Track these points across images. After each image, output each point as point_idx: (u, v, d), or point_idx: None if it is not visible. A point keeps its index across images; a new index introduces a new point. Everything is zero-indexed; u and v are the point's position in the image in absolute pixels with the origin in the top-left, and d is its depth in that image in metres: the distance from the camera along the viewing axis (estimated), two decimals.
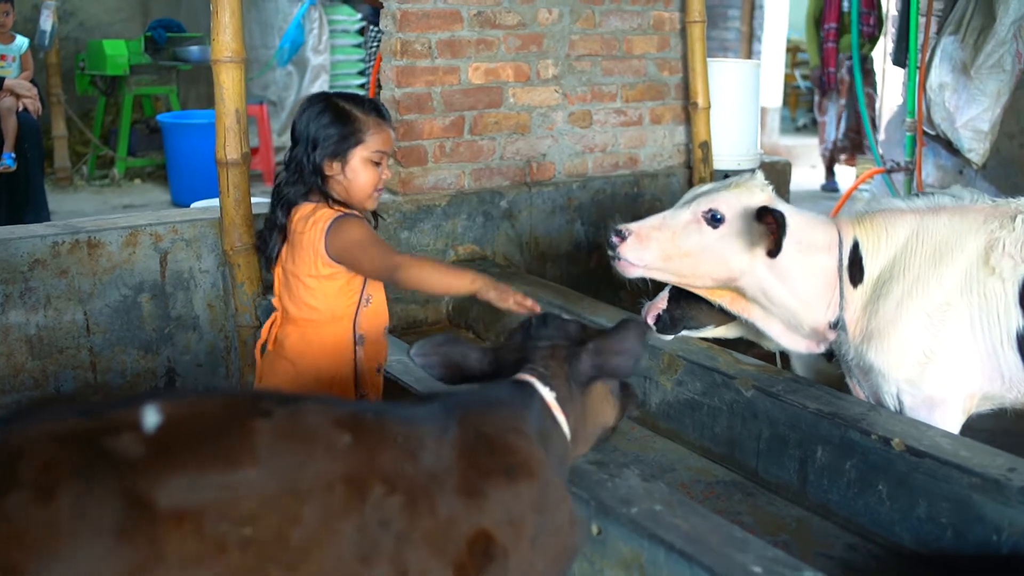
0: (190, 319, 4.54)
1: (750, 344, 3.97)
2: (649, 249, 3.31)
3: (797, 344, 3.50)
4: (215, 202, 4.56)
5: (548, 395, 2.22)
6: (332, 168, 3.06)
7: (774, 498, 3.41)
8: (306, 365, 3.12)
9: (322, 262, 3.04)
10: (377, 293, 3.20)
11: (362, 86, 11.70)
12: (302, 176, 3.07)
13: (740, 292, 3.41)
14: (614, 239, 3.33)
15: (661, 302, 3.97)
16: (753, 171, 3.50)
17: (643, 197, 5.78)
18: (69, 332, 4.28)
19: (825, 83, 10.60)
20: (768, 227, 3.15)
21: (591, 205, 5.58)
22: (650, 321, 3.93)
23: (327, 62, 11.01)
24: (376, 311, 3.20)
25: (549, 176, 5.51)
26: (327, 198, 3.08)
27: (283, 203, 3.12)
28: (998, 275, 3.13)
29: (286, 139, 10.87)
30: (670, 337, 3.79)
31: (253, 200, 4.42)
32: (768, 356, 4.11)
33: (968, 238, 3.21)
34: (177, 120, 9.64)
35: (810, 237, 3.31)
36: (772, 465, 3.45)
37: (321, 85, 10.96)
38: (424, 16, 4.93)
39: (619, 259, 3.35)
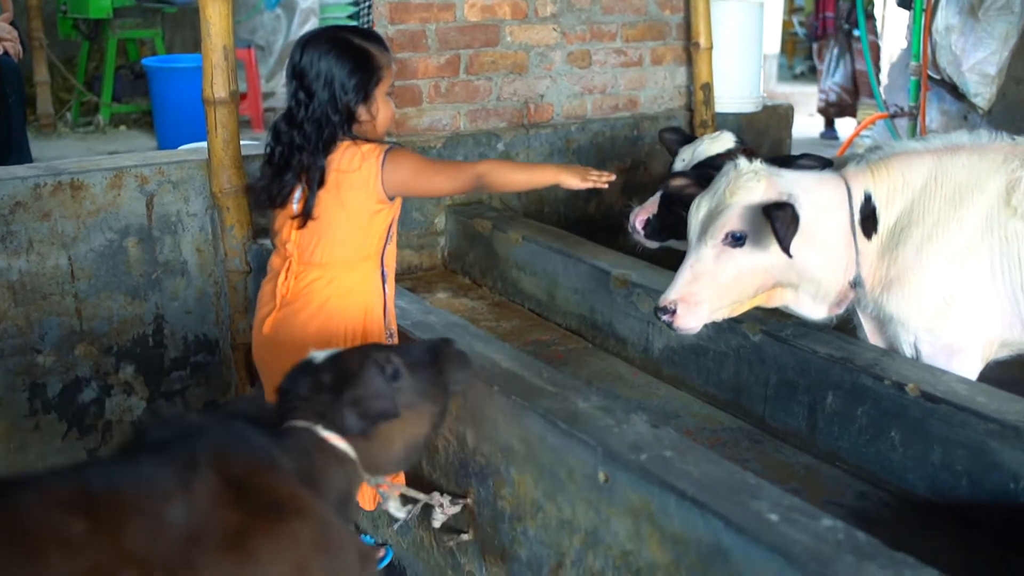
0: (178, 264, 4.41)
1: None
2: (701, 306, 3.13)
3: (823, 312, 3.35)
4: (203, 145, 4.42)
5: (320, 430, 2.01)
6: (363, 111, 3.00)
7: (782, 445, 3.32)
8: (335, 308, 3.03)
9: (376, 198, 2.99)
10: (395, 230, 3.15)
11: None
12: (330, 124, 2.95)
13: (779, 284, 3.26)
14: (666, 319, 3.14)
15: (652, 206, 3.85)
16: (736, 156, 3.32)
17: (643, 140, 5.64)
18: (53, 277, 4.15)
19: (819, 29, 10.41)
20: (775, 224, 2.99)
21: (590, 148, 5.45)
22: (638, 225, 3.81)
23: (316, 4, 10.80)
24: (394, 248, 3.18)
25: (547, 118, 5.37)
26: (354, 138, 3.00)
27: (322, 143, 2.96)
28: (1020, 215, 3.03)
29: (274, 84, 10.71)
30: (655, 244, 3.67)
31: (241, 143, 4.28)
32: None
33: (988, 178, 3.10)
34: (163, 64, 9.43)
35: (818, 200, 3.18)
36: (780, 412, 3.36)
37: (310, 28, 10.76)
38: None
39: (679, 331, 3.17)
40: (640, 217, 3.88)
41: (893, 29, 7.90)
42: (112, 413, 4.39)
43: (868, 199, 3.21)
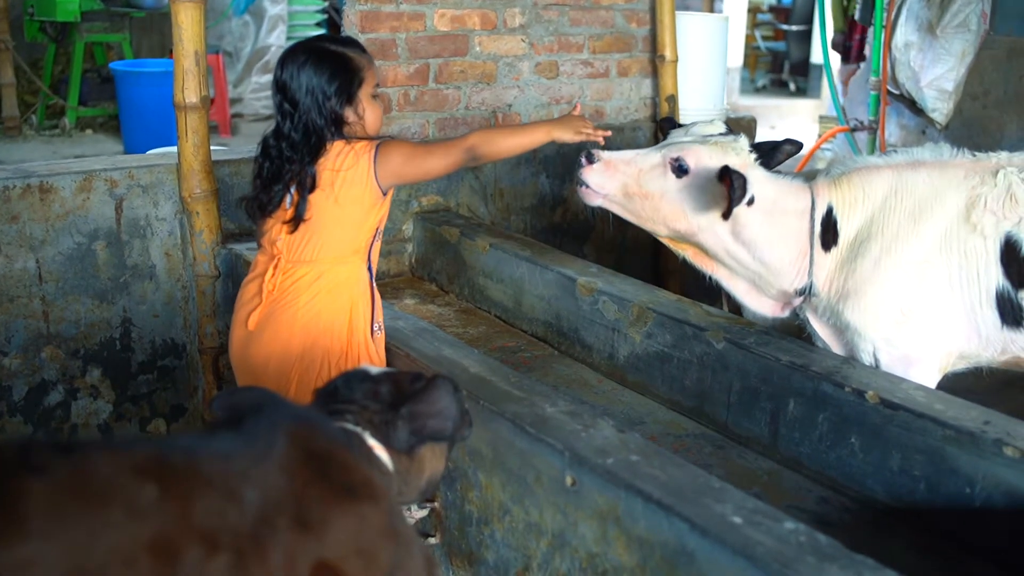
0: (147, 268, 4.41)
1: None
2: (613, 179, 3.32)
3: (762, 306, 3.47)
4: (172, 149, 4.43)
5: (369, 437, 1.97)
6: (350, 114, 3.06)
7: (744, 451, 3.38)
8: (323, 303, 3.07)
9: (371, 193, 3.05)
10: (383, 227, 3.21)
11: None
12: (317, 130, 3.01)
13: (703, 249, 3.37)
14: (583, 161, 3.32)
15: None
16: (736, 134, 3.43)
17: (609, 150, 5.68)
18: (20, 280, 4.14)
19: (852, 51, 10.40)
20: (725, 189, 3.10)
21: (556, 158, 5.50)
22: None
23: (284, 12, 10.82)
24: (379, 246, 3.23)
25: None
26: (347, 139, 3.06)
27: (309, 150, 3.00)
28: (979, 232, 3.09)
29: (241, 91, 10.70)
30: None
31: (211, 147, 4.30)
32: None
33: (948, 194, 3.16)
34: (130, 68, 9.39)
35: (782, 204, 3.27)
36: (743, 418, 3.41)
37: (278, 35, 10.77)
38: None
39: (582, 185, 3.34)
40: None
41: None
42: (78, 416, 4.39)
43: (830, 212, 3.28)
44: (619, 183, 3.31)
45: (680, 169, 3.24)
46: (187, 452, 1.57)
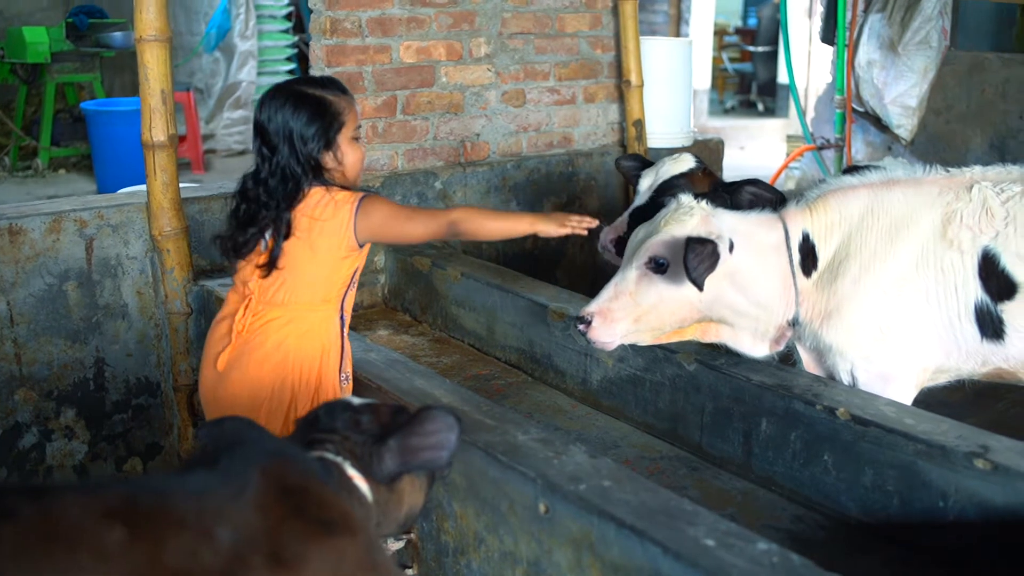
0: (118, 307, 4.41)
1: None
2: (617, 322, 3.20)
3: (764, 350, 3.42)
4: (142, 188, 4.44)
5: (349, 467, 1.96)
6: (328, 159, 3.03)
7: (719, 472, 3.39)
8: (292, 347, 3.05)
9: (347, 245, 3.03)
10: (358, 277, 3.19)
11: (290, 72, 11.55)
12: (294, 176, 2.98)
13: (711, 320, 3.33)
14: (581, 328, 3.22)
15: (621, 225, 3.96)
16: (697, 175, 3.40)
17: (578, 176, 5.74)
18: None
19: None
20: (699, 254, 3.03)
21: (526, 185, 5.53)
22: (609, 244, 3.91)
23: (255, 48, 10.84)
24: (354, 294, 3.21)
25: (483, 156, 5.45)
26: (325, 184, 3.03)
27: (285, 197, 2.98)
28: (956, 248, 3.11)
29: (213, 127, 10.71)
30: None
31: (181, 185, 4.31)
32: None
33: (923, 212, 3.18)
34: (102, 108, 9.40)
35: (757, 240, 3.26)
36: (716, 439, 3.43)
37: (249, 71, 10.79)
38: None
39: (593, 343, 3.25)
40: (610, 236, 3.98)
41: (818, 65, 8.10)
42: (53, 458, 4.37)
43: (806, 238, 3.28)
44: (623, 319, 3.20)
45: (659, 265, 3.18)
46: (158, 492, 1.57)
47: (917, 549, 2.91)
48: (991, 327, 3.11)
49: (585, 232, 3.24)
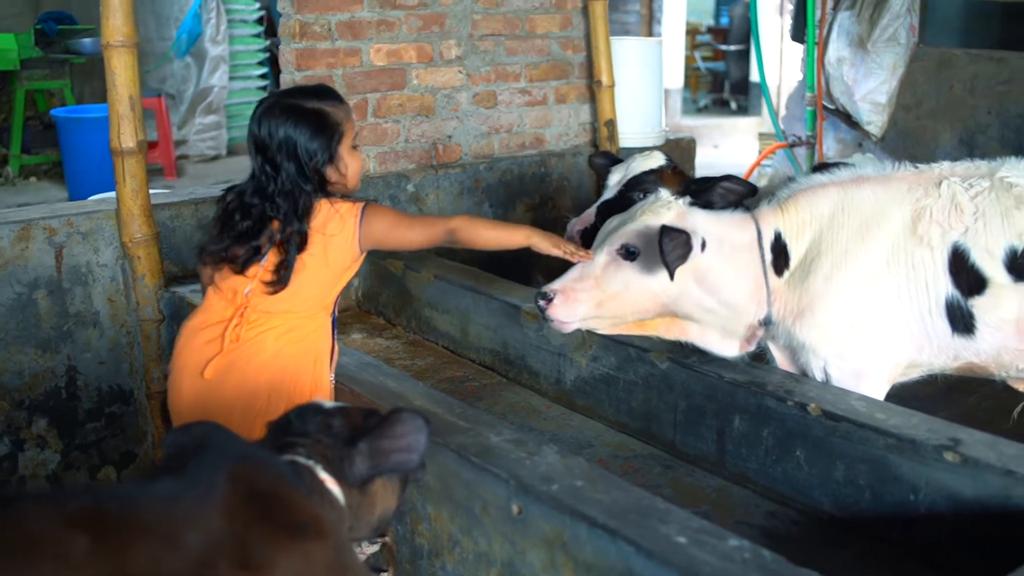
0: (90, 315, 4.39)
1: None
2: (578, 303, 3.24)
3: (733, 348, 3.44)
4: (111, 195, 4.41)
5: (320, 471, 1.95)
6: (332, 172, 3.01)
7: (693, 469, 3.40)
8: (289, 356, 3.03)
9: (353, 256, 3.05)
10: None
11: (262, 76, 11.52)
12: (303, 192, 2.96)
13: (676, 315, 3.35)
14: (541, 303, 3.25)
15: (588, 217, 3.98)
16: (666, 172, 3.42)
17: (550, 177, 5.75)
18: None
19: None
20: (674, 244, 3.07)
21: (499, 186, 5.53)
22: (575, 236, 3.93)
23: (226, 53, 10.81)
24: (341, 297, 3.21)
25: (455, 158, 5.45)
26: (328, 196, 3.02)
27: (299, 212, 2.95)
28: (926, 244, 3.13)
29: (185, 132, 10.67)
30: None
31: (152, 191, 4.29)
32: None
33: (893, 209, 3.20)
34: (72, 115, 9.36)
35: (730, 240, 3.28)
36: (690, 436, 3.44)
37: (220, 76, 10.76)
38: None
39: (551, 321, 3.28)
40: (577, 227, 4.01)
41: (789, 63, 8.14)
42: (26, 468, 4.34)
43: (778, 237, 3.29)
44: (585, 301, 3.24)
45: (629, 253, 3.21)
46: (123, 500, 1.55)
47: (889, 542, 2.93)
48: (962, 322, 3.14)
49: (577, 261, 3.26)
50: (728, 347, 3.43)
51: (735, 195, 3.52)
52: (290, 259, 2.95)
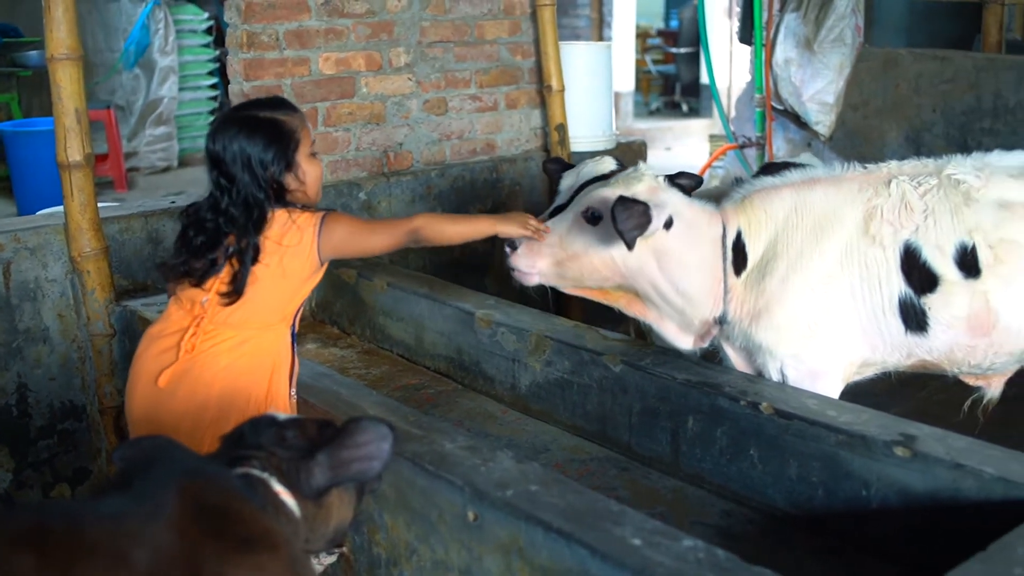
0: (39, 331, 4.33)
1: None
2: (541, 256, 3.32)
3: (687, 342, 3.49)
4: (60, 209, 4.37)
5: (275, 483, 1.94)
6: (291, 180, 2.98)
7: (648, 471, 3.42)
8: (244, 367, 2.98)
9: (312, 267, 3.01)
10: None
11: (212, 86, 11.44)
12: (258, 203, 2.92)
13: (634, 292, 3.39)
14: (507, 250, 3.35)
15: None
16: (625, 166, 3.47)
17: (502, 182, 5.75)
18: None
19: None
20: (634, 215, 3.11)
21: (451, 193, 5.53)
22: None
23: (175, 63, 10.73)
24: (302, 310, 3.17)
25: (407, 165, 5.45)
26: (287, 206, 2.98)
27: (253, 223, 2.92)
28: (879, 243, 3.17)
29: (136, 144, 10.57)
30: None
31: (100, 205, 4.25)
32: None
33: (845, 209, 3.23)
34: (19, 128, 9.26)
35: (698, 230, 3.31)
36: (645, 438, 3.46)
37: (170, 87, 10.68)
38: (269, 6, 4.81)
39: (514, 270, 3.35)
40: None
41: (738, 65, 8.20)
42: None
43: (739, 236, 3.33)
44: (547, 256, 3.32)
45: (594, 218, 3.26)
46: (70, 518, 1.54)
47: (843, 538, 2.96)
48: (915, 320, 3.18)
49: (543, 238, 3.32)
50: (683, 340, 3.48)
51: (687, 192, 3.55)
52: (244, 271, 2.93)
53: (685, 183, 3.55)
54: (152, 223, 4.60)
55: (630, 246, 3.12)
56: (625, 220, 3.06)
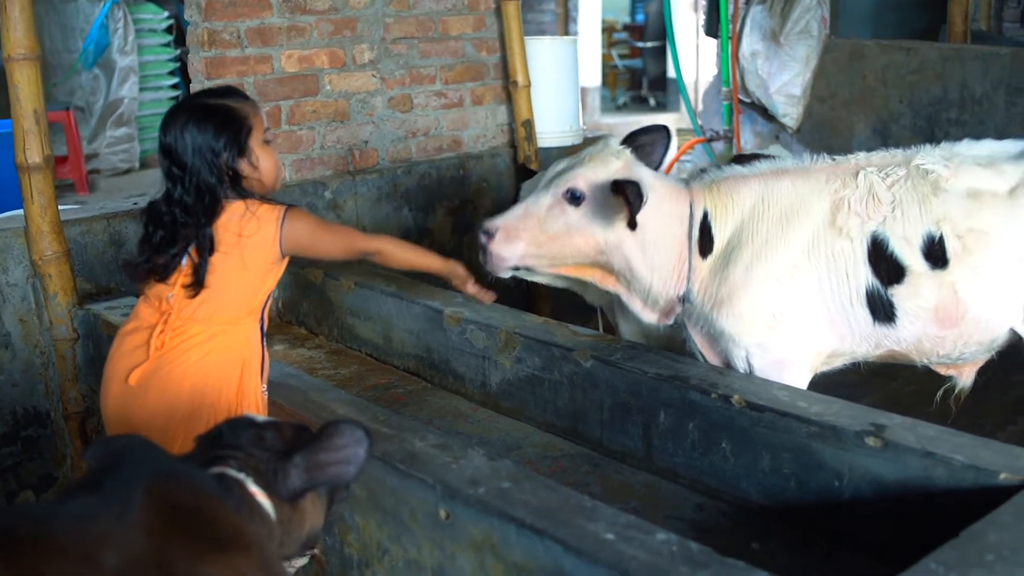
0: (0, 337, 4.27)
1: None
2: (519, 240, 3.29)
3: (652, 317, 3.49)
4: (19, 212, 4.30)
5: (251, 484, 1.92)
6: (245, 166, 2.94)
7: (621, 467, 3.40)
8: (213, 363, 2.95)
9: (273, 258, 2.98)
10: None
11: (174, 86, 11.34)
12: (210, 189, 2.88)
13: (608, 268, 3.38)
14: (483, 240, 3.31)
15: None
16: (605, 138, 3.47)
17: (469, 179, 5.73)
18: None
19: None
20: (623, 201, 3.12)
21: (417, 190, 5.50)
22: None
23: (135, 63, 10.59)
24: (270, 304, 3.15)
25: (373, 163, 5.41)
26: (244, 197, 2.94)
27: (204, 212, 2.89)
28: (846, 235, 3.17)
29: (96, 146, 10.44)
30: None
31: (61, 208, 4.19)
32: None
33: (812, 200, 3.23)
34: None
35: (667, 206, 3.31)
36: (616, 434, 3.44)
37: (131, 87, 10.55)
38: (231, 4, 4.76)
39: (492, 256, 3.32)
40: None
41: (704, 58, 8.21)
42: None
43: (705, 217, 3.33)
44: (526, 239, 3.29)
45: (575, 198, 3.24)
46: (35, 521, 1.52)
47: (816, 529, 2.95)
48: (882, 311, 3.17)
49: (485, 303, 3.54)
50: (648, 315, 3.48)
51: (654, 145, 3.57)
52: (204, 261, 2.90)
53: (647, 140, 3.54)
54: (114, 225, 4.54)
55: (634, 225, 3.14)
56: (635, 199, 3.08)
